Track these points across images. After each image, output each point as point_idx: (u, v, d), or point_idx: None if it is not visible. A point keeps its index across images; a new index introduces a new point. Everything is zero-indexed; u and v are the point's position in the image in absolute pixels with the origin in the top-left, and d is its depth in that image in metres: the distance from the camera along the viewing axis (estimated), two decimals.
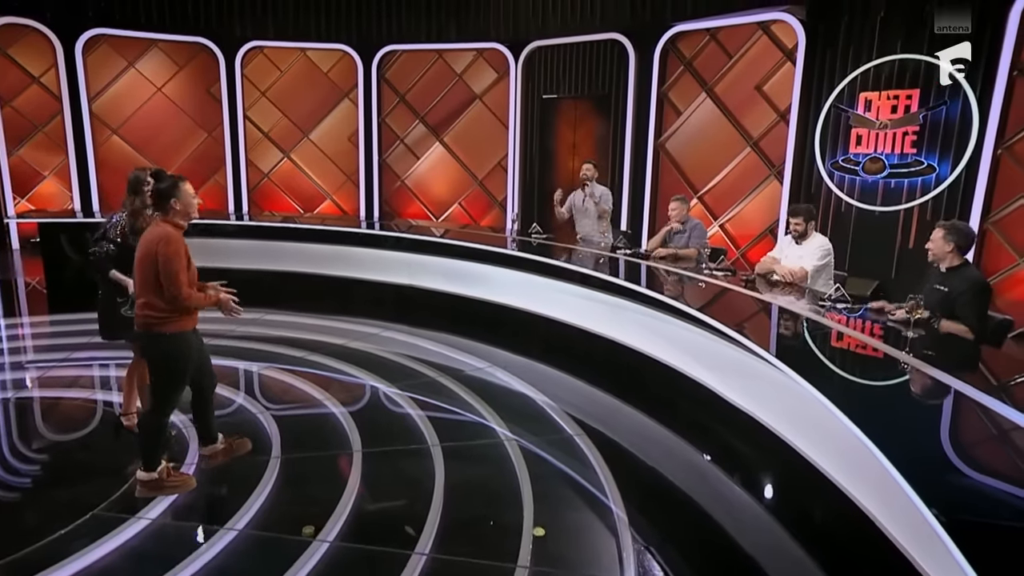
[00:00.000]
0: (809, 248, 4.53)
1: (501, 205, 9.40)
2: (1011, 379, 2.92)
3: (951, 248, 3.45)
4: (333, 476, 3.29)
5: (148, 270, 2.82)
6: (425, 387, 4.53)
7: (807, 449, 2.78)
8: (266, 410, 4.02)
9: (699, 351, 3.88)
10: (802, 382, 2.65)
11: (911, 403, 2.57)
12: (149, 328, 2.89)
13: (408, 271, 6.41)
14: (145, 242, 2.87)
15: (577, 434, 3.84)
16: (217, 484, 3.25)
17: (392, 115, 9.58)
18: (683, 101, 7.82)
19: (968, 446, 2.14)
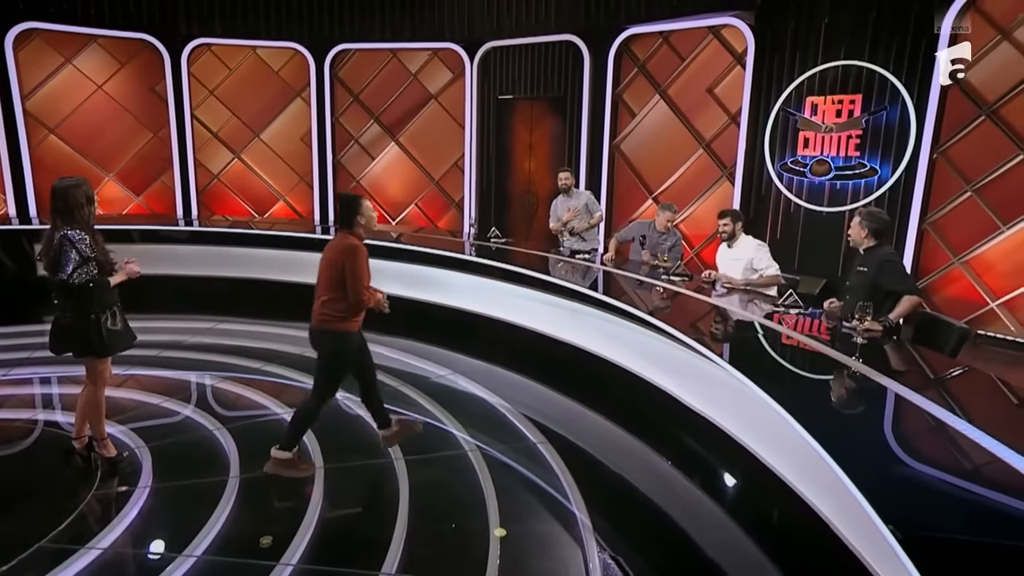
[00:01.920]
0: (742, 251, 4.66)
1: (458, 206, 9.34)
2: (945, 375, 3.06)
3: (866, 233, 3.70)
4: (295, 494, 3.21)
5: (335, 275, 3.20)
6: (386, 396, 4.43)
7: (763, 452, 2.84)
8: (222, 426, 3.89)
9: (657, 355, 3.93)
10: (753, 387, 2.70)
11: (857, 407, 2.65)
12: (324, 325, 3.25)
13: None
14: (335, 250, 3.26)
15: (540, 442, 3.84)
16: (173, 508, 3.13)
17: (346, 115, 9.39)
18: (637, 103, 7.90)
19: (913, 448, 2.22)
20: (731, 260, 4.72)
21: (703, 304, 4.21)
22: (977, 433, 2.14)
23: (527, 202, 9.17)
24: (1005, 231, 5.58)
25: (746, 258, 4.65)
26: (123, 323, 3.35)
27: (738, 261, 4.67)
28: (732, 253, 4.72)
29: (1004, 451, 1.99)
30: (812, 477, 2.37)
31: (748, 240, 4.77)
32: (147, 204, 9.16)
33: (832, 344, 3.17)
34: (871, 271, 3.64)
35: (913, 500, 1.85)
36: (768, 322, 3.69)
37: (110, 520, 2.92)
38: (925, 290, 6.12)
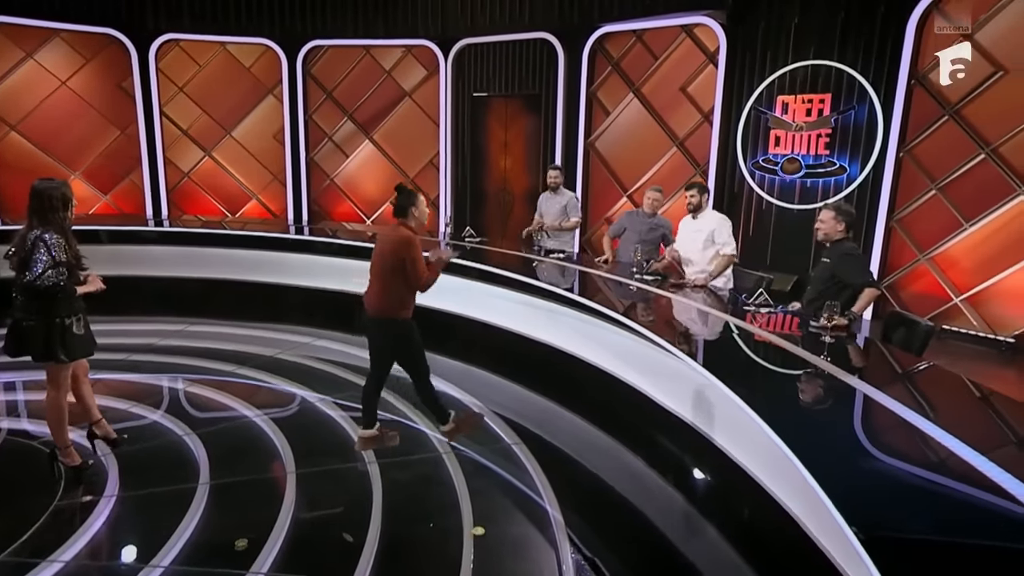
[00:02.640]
0: (705, 223, 4.71)
1: (434, 204, 9.26)
2: (910, 373, 3.12)
3: (843, 227, 3.77)
4: (266, 501, 3.15)
5: (394, 265, 3.35)
6: (359, 399, 4.40)
7: (734, 451, 2.86)
8: (192, 431, 3.82)
9: (630, 355, 3.94)
10: (722, 386, 2.72)
11: (824, 406, 2.68)
12: (385, 314, 3.42)
13: (340, 276, 6.21)
14: (391, 242, 3.39)
15: (515, 442, 3.83)
16: (140, 517, 3.06)
17: (319, 112, 9.27)
18: (611, 101, 7.91)
19: (878, 447, 2.25)
20: (693, 232, 4.75)
21: (675, 303, 4.22)
22: (939, 432, 2.18)
23: (503, 200, 9.14)
24: (968, 228, 5.70)
25: (708, 230, 4.68)
26: (86, 329, 3.28)
27: (700, 232, 4.71)
28: (695, 225, 4.76)
29: (965, 450, 2.02)
30: (782, 477, 2.39)
31: (712, 213, 4.83)
32: (115, 203, 8.95)
33: (801, 343, 3.20)
34: (832, 262, 3.75)
35: (877, 500, 1.87)
36: (739, 321, 3.71)
37: (74, 531, 2.84)
38: (893, 286, 6.24)
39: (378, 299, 3.43)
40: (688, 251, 4.81)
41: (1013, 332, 5.52)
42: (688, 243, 4.80)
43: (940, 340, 5.70)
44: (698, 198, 4.72)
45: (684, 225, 4.88)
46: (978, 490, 1.82)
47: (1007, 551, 1.60)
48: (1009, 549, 1.60)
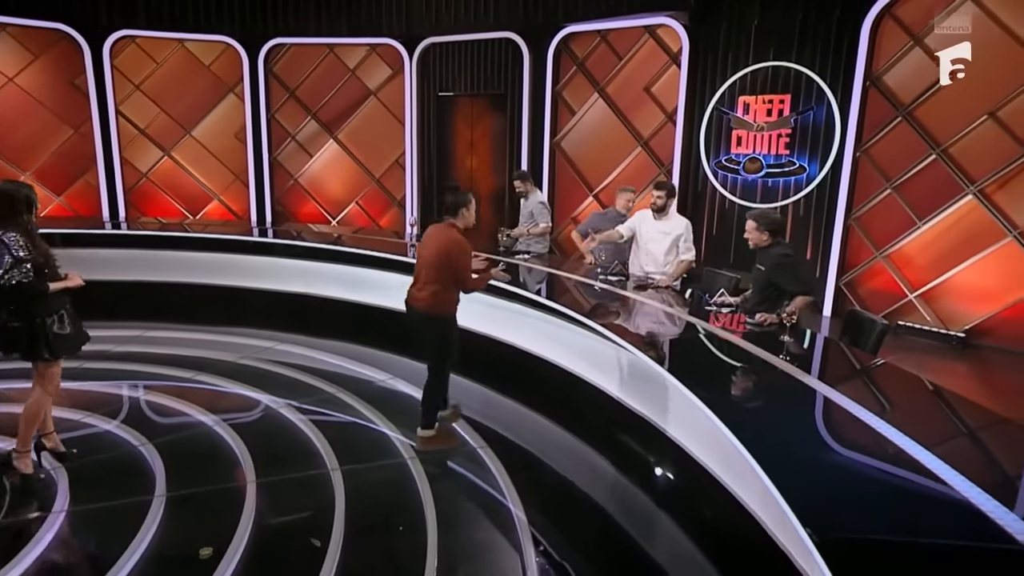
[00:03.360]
0: (672, 226, 4.75)
1: (400, 204, 9.19)
2: (864, 372, 3.18)
3: (764, 235, 3.87)
4: (225, 512, 3.07)
5: (443, 264, 3.43)
6: (324, 404, 4.34)
7: (698, 452, 2.88)
8: (148, 441, 3.70)
9: (595, 356, 3.95)
10: (682, 387, 2.74)
11: (781, 406, 2.71)
12: (435, 311, 3.49)
13: (303, 279, 6.12)
14: (440, 242, 3.48)
15: (480, 446, 3.80)
16: (91, 533, 2.95)
17: (282, 111, 9.09)
18: (576, 100, 7.93)
19: (834, 447, 2.29)
20: (660, 233, 4.77)
21: (639, 304, 4.24)
22: (891, 430, 2.22)
23: None
24: (921, 226, 5.85)
25: (675, 234, 4.74)
26: (73, 326, 3.31)
27: (667, 235, 4.76)
28: (662, 226, 4.77)
29: (916, 448, 2.06)
30: (741, 476, 2.42)
31: (679, 217, 4.85)
32: (69, 205, 8.65)
33: (761, 343, 3.24)
34: (767, 270, 3.82)
35: (832, 499, 1.89)
36: (700, 321, 3.75)
37: (20, 550, 2.72)
38: (852, 283, 6.38)
39: (426, 296, 3.51)
40: (653, 250, 4.83)
41: (963, 327, 5.69)
42: (653, 243, 4.82)
43: (896, 336, 5.85)
44: (665, 200, 4.73)
45: (647, 223, 4.86)
46: (928, 487, 1.86)
47: (955, 549, 1.63)
48: (958, 547, 1.64)
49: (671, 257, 4.76)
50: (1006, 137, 5.32)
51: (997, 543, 1.57)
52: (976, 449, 2.35)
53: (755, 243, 3.92)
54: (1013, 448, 2.36)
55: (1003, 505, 1.70)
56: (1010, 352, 5.45)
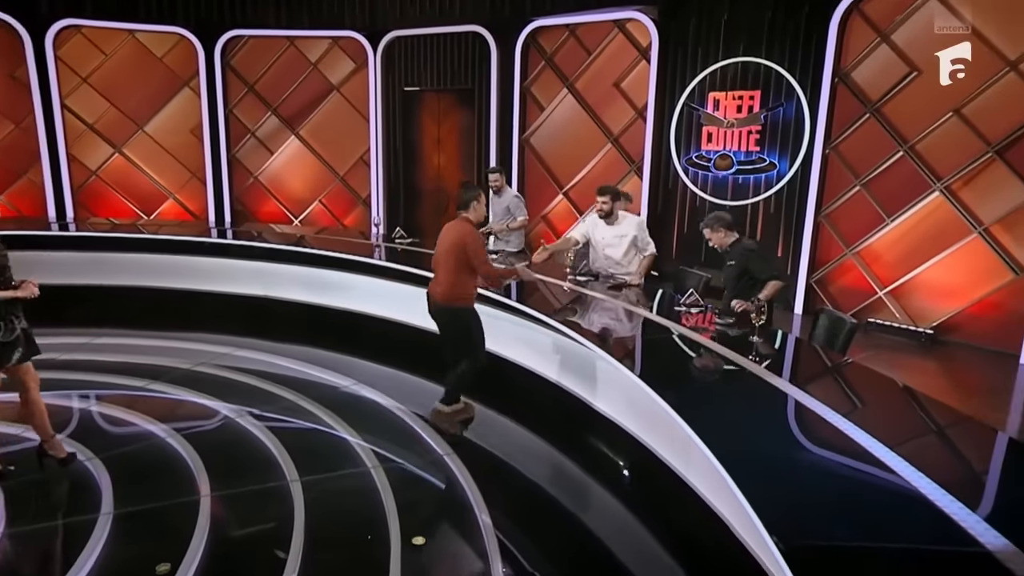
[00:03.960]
0: (626, 228, 4.74)
1: (365, 202, 9.08)
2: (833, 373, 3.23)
3: (723, 233, 4.09)
4: (177, 529, 2.98)
5: (458, 255, 3.65)
6: (284, 412, 4.25)
7: (670, 457, 2.89)
8: (95, 455, 3.57)
9: (564, 358, 3.95)
10: (650, 391, 2.74)
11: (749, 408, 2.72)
12: (453, 302, 3.71)
13: (263, 281, 6.00)
14: (454, 234, 3.70)
15: (447, 453, 3.76)
16: (29, 556, 2.83)
17: (240, 106, 8.91)
18: (546, 96, 7.92)
19: (803, 450, 2.30)
20: (615, 237, 4.77)
21: (608, 305, 4.24)
22: (859, 433, 2.24)
23: (437, 198, 9.03)
24: (889, 223, 5.97)
25: (631, 235, 4.75)
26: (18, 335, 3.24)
27: (623, 238, 4.75)
28: (616, 230, 4.76)
29: (884, 451, 2.09)
30: (711, 481, 2.42)
31: (630, 217, 4.84)
32: (12, 204, 8.37)
33: (729, 344, 3.26)
34: (738, 262, 4.00)
35: (798, 505, 1.90)
36: (669, 322, 3.76)
37: None
38: (823, 280, 6.49)
39: (444, 288, 3.71)
40: (612, 255, 4.81)
41: (932, 323, 5.83)
42: (610, 248, 4.80)
43: (866, 333, 5.97)
44: (610, 204, 4.68)
45: (599, 228, 4.81)
46: (893, 489, 1.87)
47: (920, 553, 1.65)
48: (922, 551, 1.65)
49: (631, 256, 4.79)
50: (971, 134, 5.46)
51: (960, 546, 1.59)
52: (940, 449, 2.39)
53: (720, 244, 4.12)
54: (976, 447, 2.41)
55: (966, 507, 1.72)
56: (976, 348, 5.59)
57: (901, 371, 5.22)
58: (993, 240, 5.47)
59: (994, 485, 2.05)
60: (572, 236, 4.88)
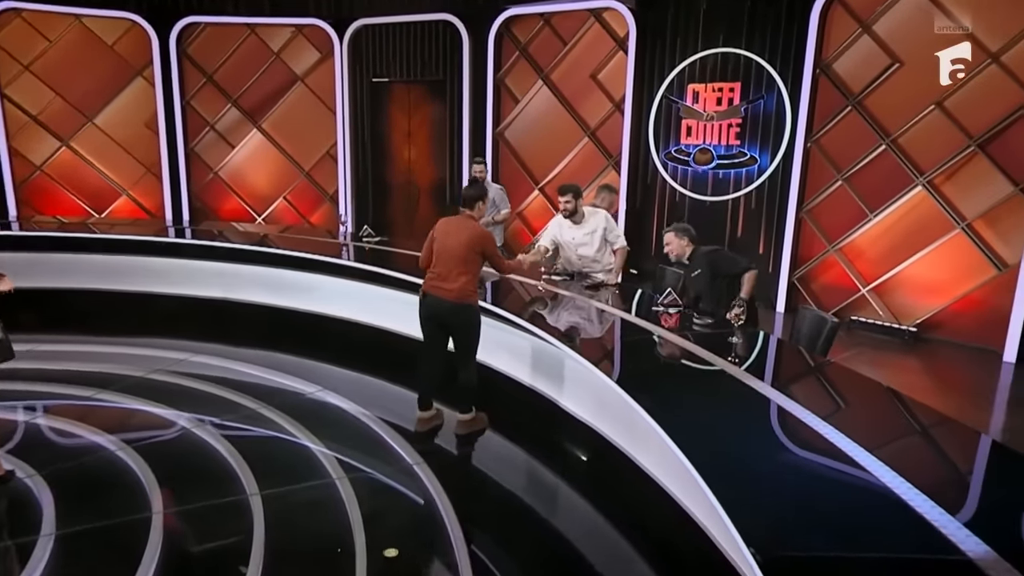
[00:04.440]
0: (593, 224, 4.74)
1: (332, 199, 8.98)
2: (814, 374, 3.25)
3: (687, 242, 4.15)
4: (126, 549, 2.89)
5: (474, 257, 3.75)
6: (245, 421, 4.17)
7: (647, 463, 2.88)
8: (36, 472, 3.46)
9: (539, 362, 3.93)
10: (626, 396, 2.73)
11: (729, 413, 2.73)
12: (465, 300, 3.76)
13: (223, 283, 5.89)
14: (468, 233, 3.74)
15: (416, 462, 3.72)
16: None
17: (199, 97, 8.75)
18: (520, 88, 7.90)
19: (783, 457, 2.31)
20: (585, 236, 4.76)
21: (584, 306, 4.23)
22: (841, 437, 2.25)
23: (408, 194, 8.96)
24: (872, 219, 6.06)
25: (600, 230, 4.75)
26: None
27: (593, 234, 4.76)
28: (584, 228, 4.75)
29: (862, 453, 2.10)
30: (688, 488, 2.42)
31: (595, 211, 4.83)
32: None
33: (708, 346, 3.27)
34: (706, 270, 4.03)
35: (776, 514, 1.90)
36: (647, 323, 3.76)
37: None
38: (805, 278, 6.56)
39: (458, 287, 3.74)
40: (585, 253, 4.81)
41: (915, 320, 5.93)
42: (581, 247, 4.79)
43: (849, 331, 6.05)
44: (574, 203, 4.65)
45: (566, 229, 4.77)
46: (873, 494, 1.88)
47: (901, 561, 1.65)
48: (903, 560, 1.66)
49: (604, 251, 4.80)
50: (953, 128, 5.55)
51: (941, 554, 1.60)
52: (922, 452, 2.41)
53: (678, 254, 4.16)
54: (958, 450, 2.44)
55: (947, 512, 1.74)
56: (959, 346, 5.70)
57: (884, 370, 5.29)
58: (976, 236, 5.57)
59: (977, 489, 2.08)
60: (541, 245, 4.83)
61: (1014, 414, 4.60)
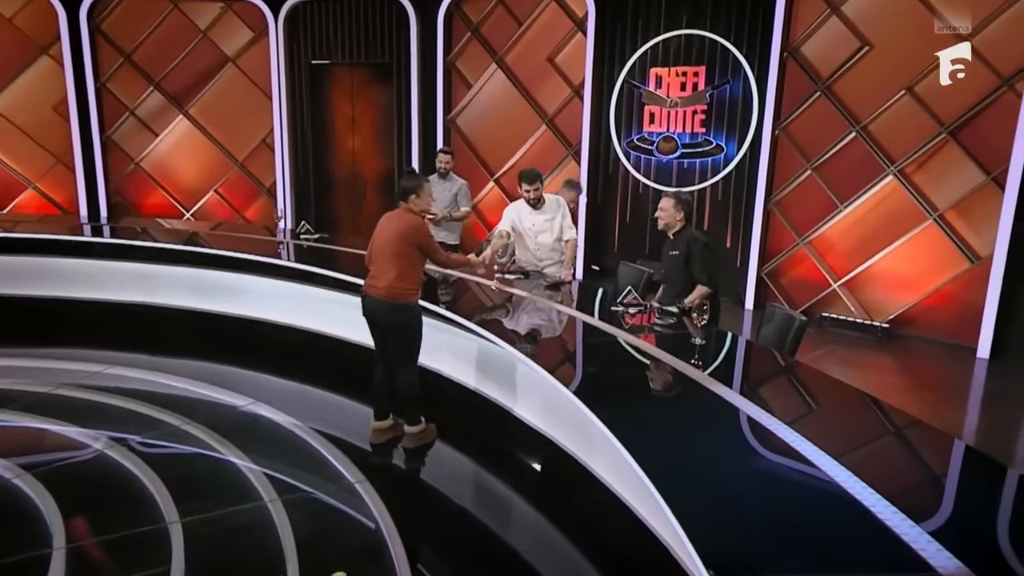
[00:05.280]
0: (551, 209, 4.81)
1: (269, 192, 8.77)
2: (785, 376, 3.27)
3: (681, 216, 4.07)
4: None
5: (401, 250, 3.68)
6: (166, 440, 4.01)
7: (608, 477, 2.85)
8: None
9: (491, 368, 3.88)
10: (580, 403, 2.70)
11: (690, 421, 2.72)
12: (398, 299, 3.70)
13: (144, 286, 5.68)
14: (397, 226, 3.71)
15: (358, 480, 3.62)
16: None
17: (116, 80, 8.44)
18: (473, 72, 7.83)
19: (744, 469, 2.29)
20: (545, 222, 4.80)
21: (539, 306, 4.19)
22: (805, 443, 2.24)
23: (353, 187, 8.81)
24: (843, 210, 6.16)
25: (557, 215, 4.83)
26: None
27: (553, 221, 4.81)
28: (545, 214, 4.79)
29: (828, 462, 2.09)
30: (644, 500, 2.39)
31: (550, 197, 4.87)
32: None
33: (669, 348, 3.26)
34: (682, 252, 4.00)
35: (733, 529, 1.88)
36: (606, 324, 3.73)
37: None
38: (774, 272, 6.65)
39: (385, 284, 3.70)
40: (544, 242, 4.82)
41: (887, 316, 6.05)
42: (541, 235, 4.80)
43: (820, 328, 6.15)
44: (541, 189, 4.74)
45: (525, 215, 4.79)
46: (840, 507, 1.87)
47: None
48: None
49: (559, 241, 4.85)
50: (924, 114, 5.68)
51: (911, 572, 1.59)
52: (893, 460, 2.43)
53: (667, 223, 4.08)
54: (928, 456, 2.47)
55: (918, 525, 1.73)
56: (932, 342, 5.84)
57: (856, 369, 5.39)
58: (948, 227, 5.71)
59: (949, 499, 2.09)
60: (502, 230, 4.80)
61: (988, 414, 4.72)
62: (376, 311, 3.79)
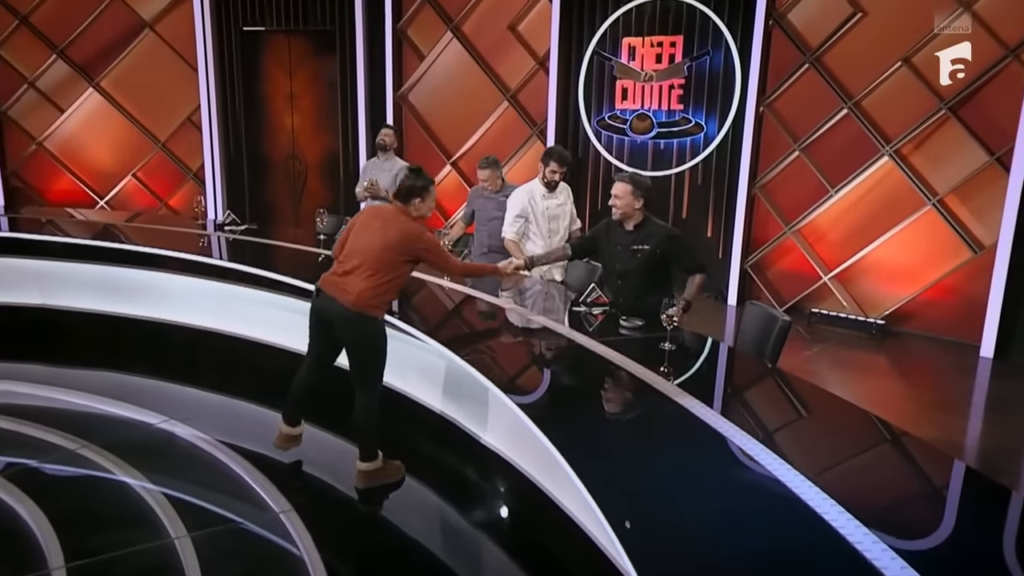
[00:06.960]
0: (562, 195, 4.81)
1: (197, 176, 8.54)
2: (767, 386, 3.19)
3: (640, 205, 3.82)
4: None
5: (393, 260, 3.41)
6: (58, 467, 3.86)
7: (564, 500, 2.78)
8: None
9: (443, 382, 3.80)
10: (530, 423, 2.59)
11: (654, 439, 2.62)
12: (369, 311, 3.40)
13: (39, 286, 5.46)
14: (396, 232, 3.41)
15: (284, 510, 3.46)
16: None
17: (10, 46, 8.18)
18: (426, 42, 7.70)
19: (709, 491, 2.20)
20: (559, 208, 4.78)
21: (492, 309, 4.12)
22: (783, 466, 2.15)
23: (292, 170, 8.63)
24: (834, 195, 6.13)
25: (568, 202, 4.85)
26: None
27: (564, 206, 4.81)
28: (556, 199, 4.76)
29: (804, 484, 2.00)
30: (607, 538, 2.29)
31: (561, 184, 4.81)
32: None
33: (635, 355, 3.15)
34: (654, 248, 3.80)
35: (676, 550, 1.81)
36: (566, 328, 3.63)
37: None
38: (759, 265, 6.61)
39: (359, 290, 3.39)
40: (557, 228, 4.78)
41: (883, 312, 6.04)
42: (554, 220, 4.75)
43: (810, 325, 6.12)
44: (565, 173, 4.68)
45: (538, 200, 4.68)
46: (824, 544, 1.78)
47: None
48: None
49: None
50: (921, 87, 5.66)
51: None
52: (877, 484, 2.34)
53: (625, 212, 3.83)
54: (920, 478, 2.44)
55: (900, 556, 1.66)
56: (932, 339, 5.84)
57: (848, 371, 5.36)
58: (948, 213, 5.70)
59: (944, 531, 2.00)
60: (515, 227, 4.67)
61: (993, 420, 4.70)
62: (333, 316, 3.47)
